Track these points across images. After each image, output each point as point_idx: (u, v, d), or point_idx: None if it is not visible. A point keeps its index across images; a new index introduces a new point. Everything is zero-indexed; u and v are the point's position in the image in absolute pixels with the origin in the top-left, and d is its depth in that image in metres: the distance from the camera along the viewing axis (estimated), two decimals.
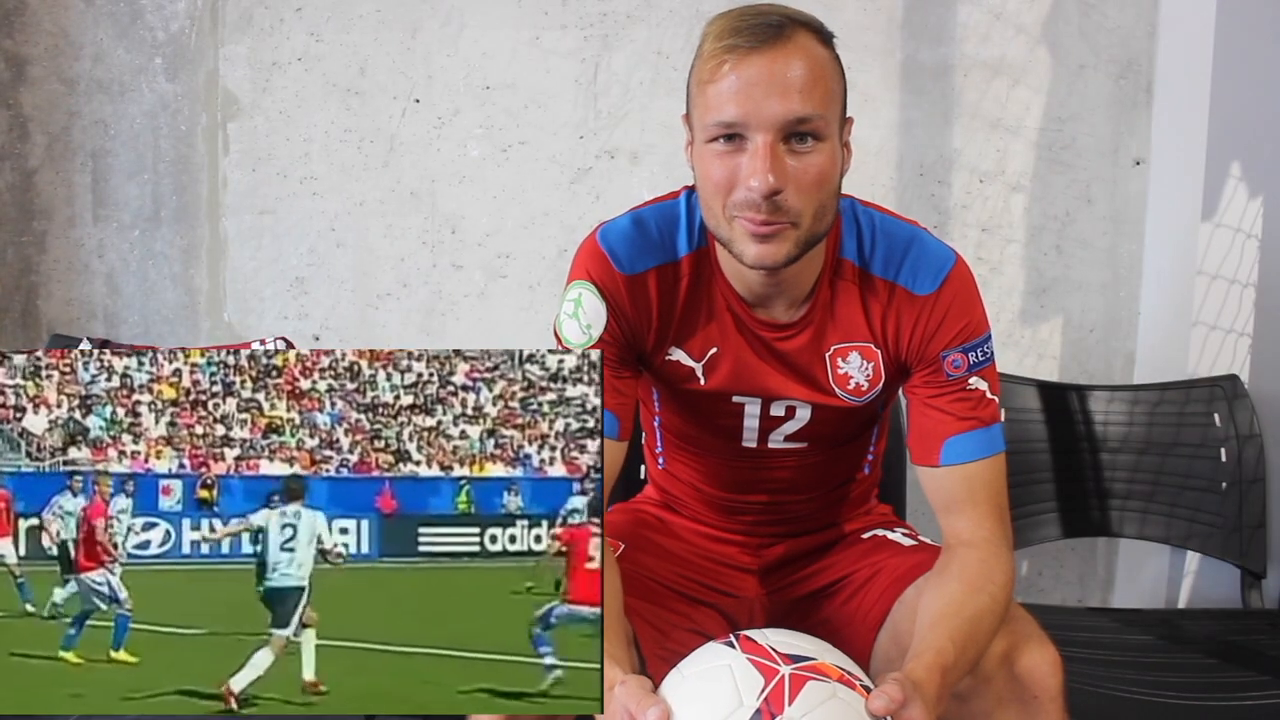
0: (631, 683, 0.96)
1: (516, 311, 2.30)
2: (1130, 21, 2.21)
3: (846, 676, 0.92)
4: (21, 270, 2.33)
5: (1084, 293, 2.27)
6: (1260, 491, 2.03)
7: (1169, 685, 1.60)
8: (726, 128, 1.10)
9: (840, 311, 1.26)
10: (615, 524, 1.44)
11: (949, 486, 1.23)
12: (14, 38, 2.28)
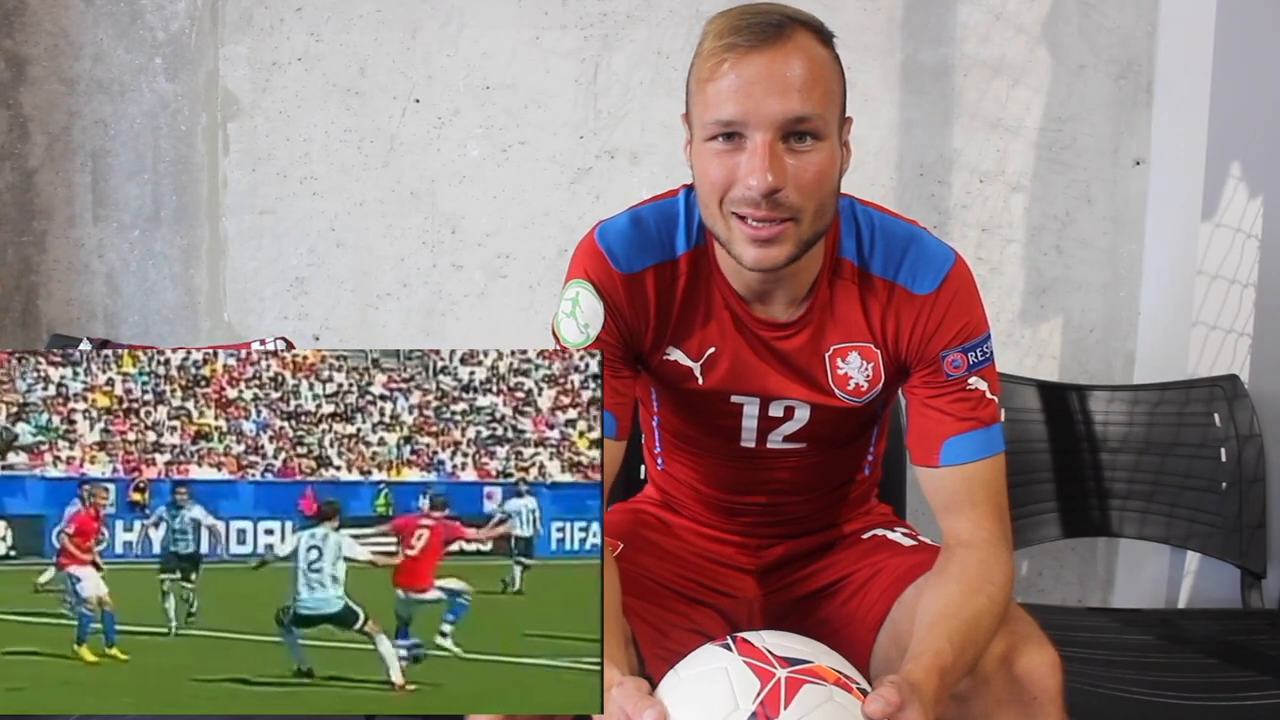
0: (628, 684, 0.96)
1: (516, 311, 2.30)
2: (1130, 21, 2.21)
3: (843, 680, 0.92)
4: (21, 270, 2.33)
5: (1084, 293, 2.27)
6: (1260, 491, 2.03)
7: (1169, 685, 1.60)
8: (725, 126, 1.10)
9: (839, 311, 1.25)
10: (614, 524, 1.44)
11: (948, 487, 1.23)
12: (14, 38, 2.28)
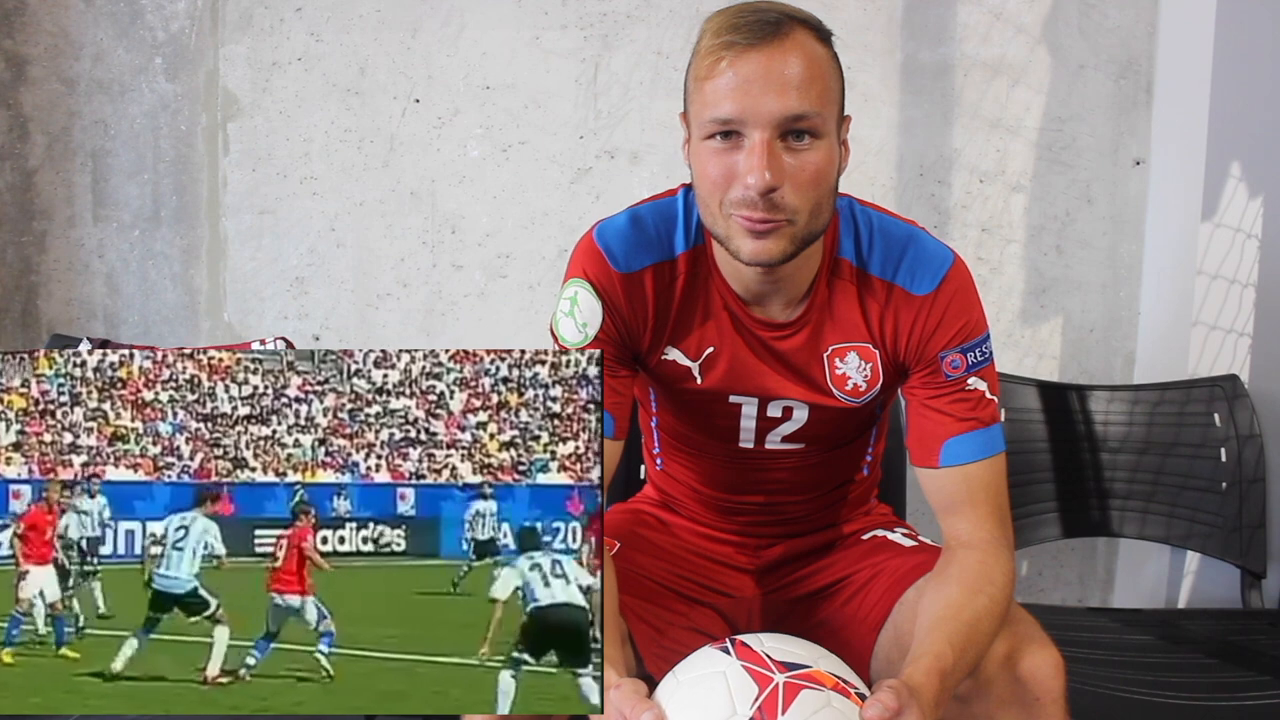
0: (626, 687, 0.96)
1: (516, 311, 2.30)
2: (1130, 21, 2.21)
3: (841, 685, 0.92)
4: (21, 270, 2.33)
5: (1084, 293, 2.27)
6: (1260, 491, 2.03)
7: (1169, 685, 1.60)
8: (723, 124, 1.10)
9: (838, 311, 1.25)
10: (612, 523, 1.44)
11: (949, 488, 1.22)
12: (14, 38, 2.28)
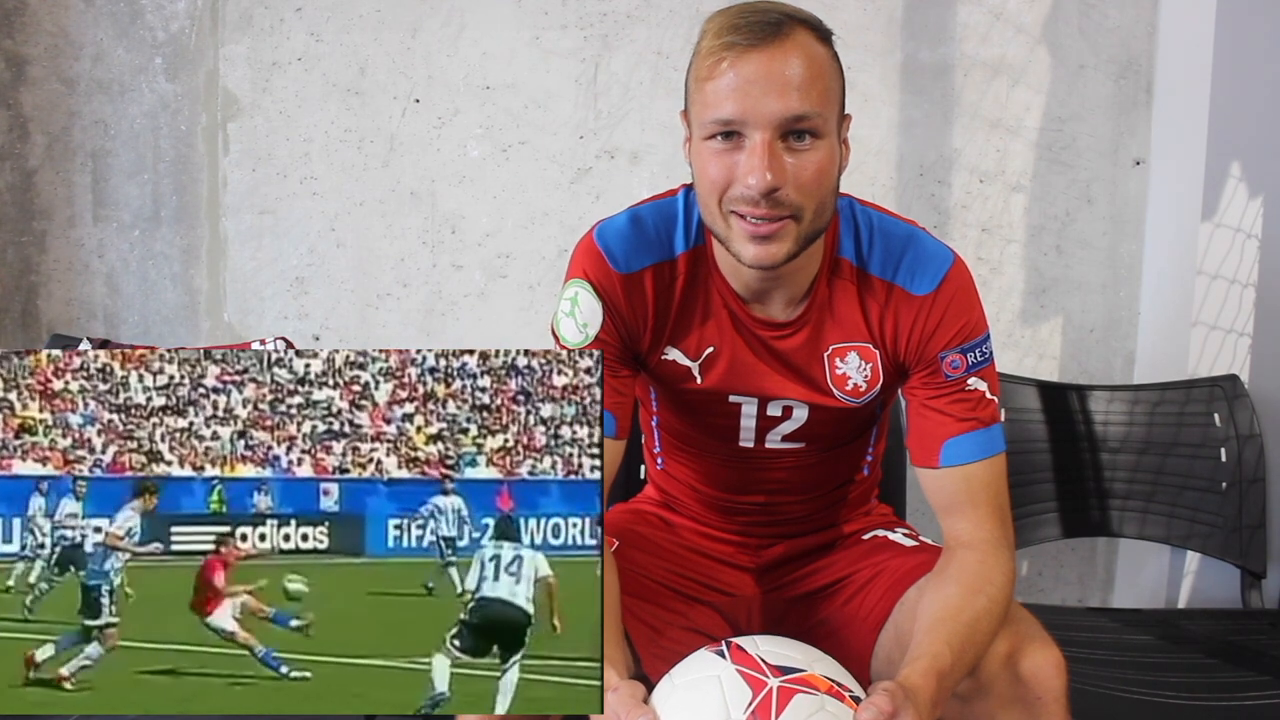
0: (623, 690, 0.96)
1: (516, 311, 2.30)
2: (1130, 21, 2.21)
3: (836, 688, 0.92)
4: (21, 270, 2.33)
5: (1084, 293, 2.27)
6: (1260, 491, 2.03)
7: (1169, 685, 1.60)
8: (724, 125, 1.10)
9: (838, 311, 1.25)
10: (612, 522, 1.44)
11: (949, 488, 1.22)
12: (14, 38, 2.28)
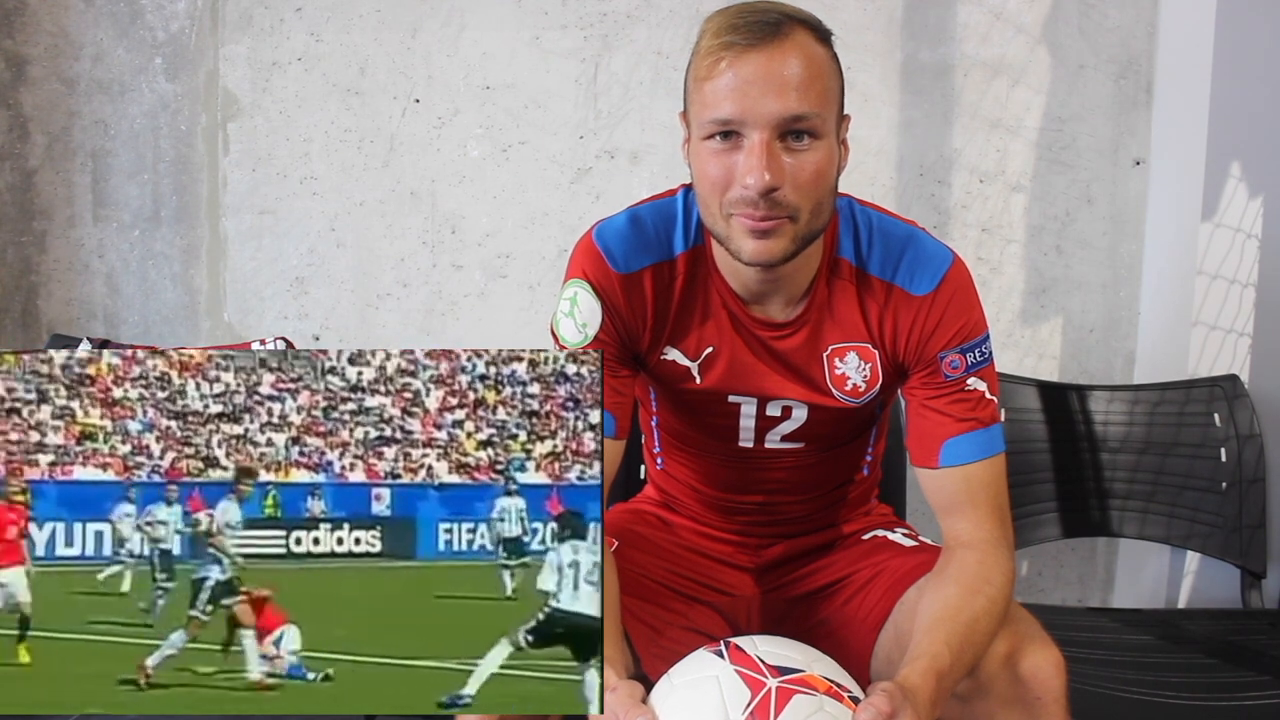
0: (622, 690, 0.96)
1: (516, 311, 2.30)
2: (1130, 21, 2.21)
3: (834, 689, 0.92)
4: (21, 270, 2.33)
5: (1084, 293, 2.27)
6: (1260, 491, 2.03)
7: (1169, 685, 1.60)
8: (723, 125, 1.10)
9: (837, 311, 1.25)
10: (612, 522, 1.44)
11: (948, 488, 1.22)
12: (14, 38, 2.28)
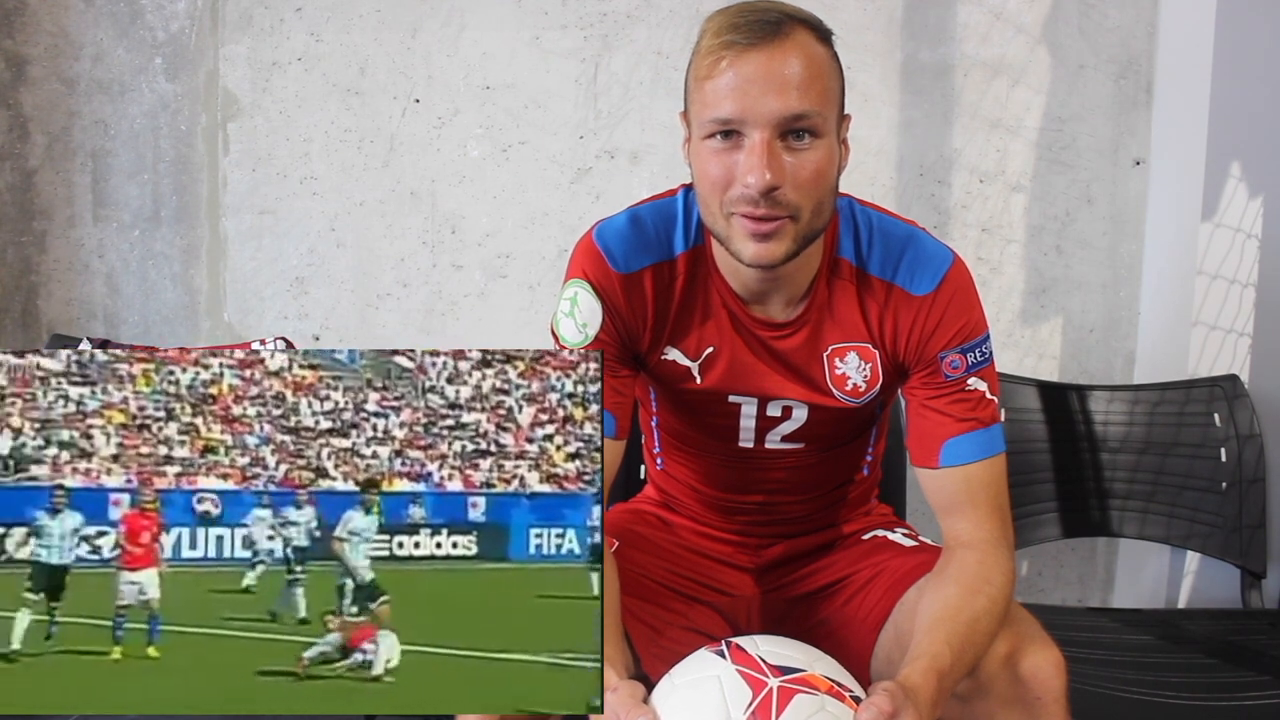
0: (624, 690, 0.96)
1: (516, 311, 2.30)
2: (1130, 21, 2.21)
3: (836, 688, 0.92)
4: (21, 270, 2.33)
5: (1084, 293, 2.27)
6: (1260, 491, 2.03)
7: (1169, 685, 1.60)
8: (723, 124, 1.10)
9: (838, 311, 1.25)
10: (612, 523, 1.44)
11: (948, 488, 1.22)
12: (14, 38, 2.28)
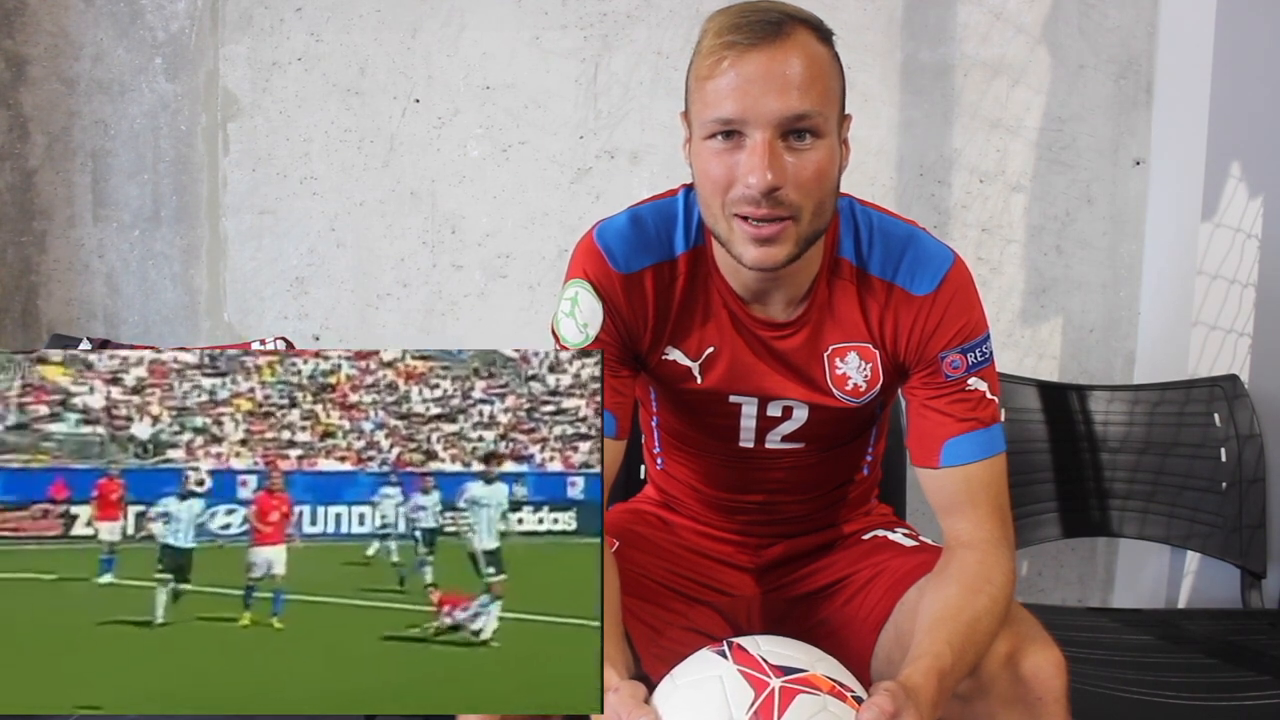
0: (625, 690, 0.96)
1: (516, 311, 2.30)
2: (1130, 21, 2.21)
3: (838, 689, 0.92)
4: (21, 270, 2.33)
5: (1084, 293, 2.27)
6: (1260, 491, 2.03)
7: (1169, 685, 1.60)
8: (725, 124, 1.10)
9: (838, 311, 1.25)
10: (612, 522, 1.44)
11: (949, 488, 1.22)
12: (14, 38, 2.28)
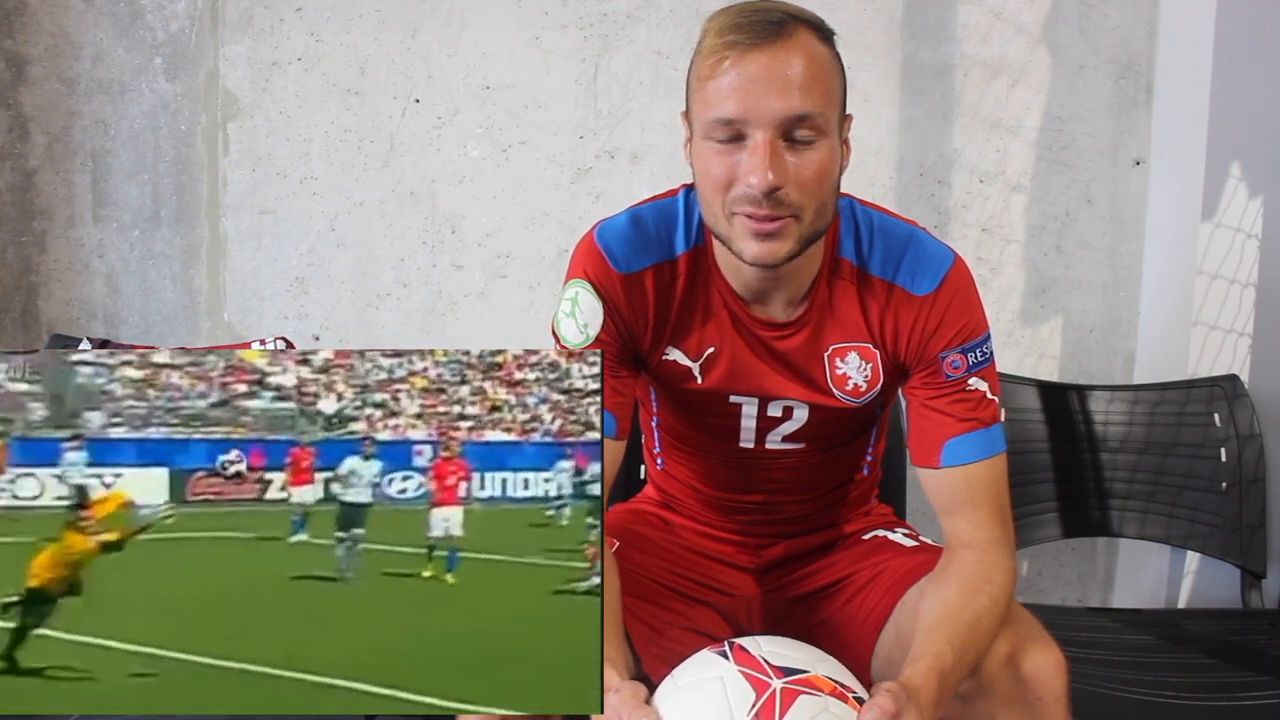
0: (625, 690, 0.96)
1: (516, 311, 2.30)
2: (1130, 21, 2.21)
3: (839, 689, 0.92)
4: (21, 270, 2.33)
5: (1084, 293, 2.27)
6: (1260, 491, 2.03)
7: (1169, 685, 1.60)
8: (726, 124, 1.10)
9: (838, 311, 1.25)
10: (612, 522, 1.44)
11: (949, 488, 1.22)
12: (14, 38, 2.28)
